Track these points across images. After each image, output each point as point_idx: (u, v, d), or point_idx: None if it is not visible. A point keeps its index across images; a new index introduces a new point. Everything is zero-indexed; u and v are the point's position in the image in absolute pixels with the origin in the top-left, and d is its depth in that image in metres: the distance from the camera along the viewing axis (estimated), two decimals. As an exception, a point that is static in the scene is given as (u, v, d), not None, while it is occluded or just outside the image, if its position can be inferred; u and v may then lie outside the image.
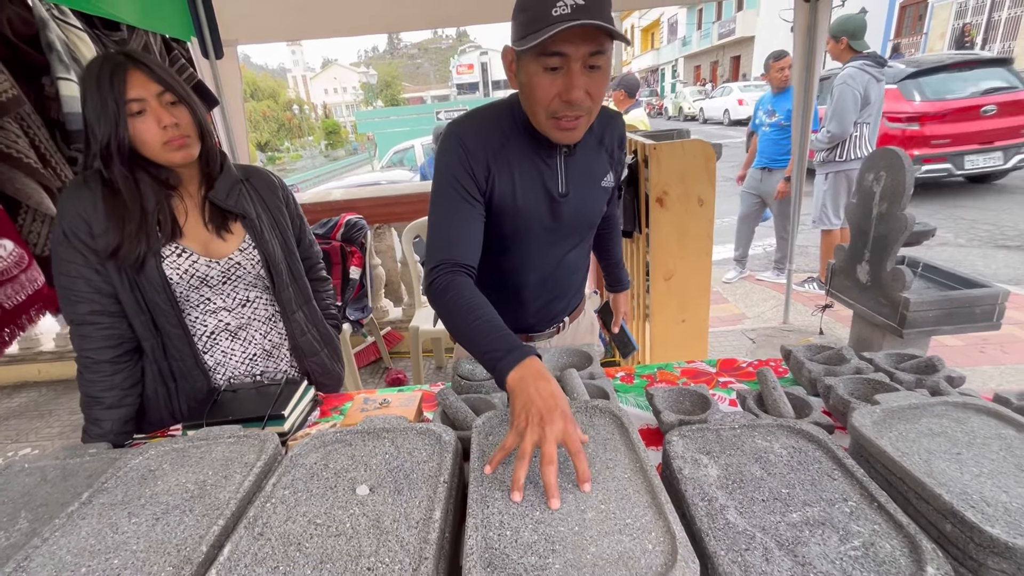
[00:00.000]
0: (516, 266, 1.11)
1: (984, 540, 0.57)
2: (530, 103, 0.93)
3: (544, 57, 0.85)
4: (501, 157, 0.99)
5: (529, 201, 1.02)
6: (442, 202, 0.99)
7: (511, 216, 1.03)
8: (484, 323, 0.87)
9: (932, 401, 0.81)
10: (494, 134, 0.99)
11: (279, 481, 0.76)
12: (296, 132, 41.29)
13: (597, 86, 0.89)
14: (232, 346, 1.17)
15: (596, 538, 0.59)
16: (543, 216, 1.04)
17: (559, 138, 0.95)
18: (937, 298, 1.94)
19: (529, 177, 1.01)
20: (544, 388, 0.73)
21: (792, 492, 0.68)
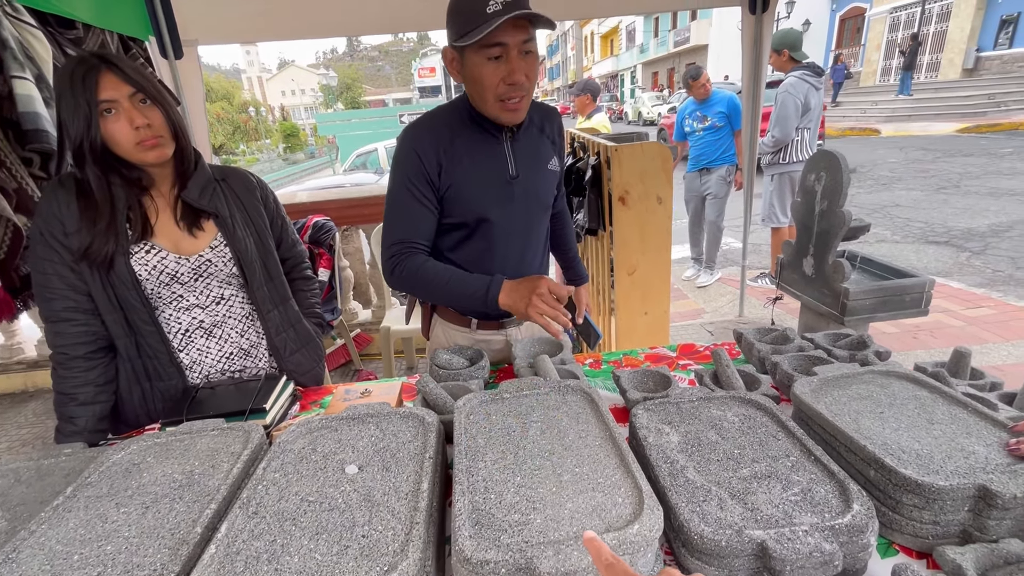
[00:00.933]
0: (482, 251, 1.18)
1: (900, 480, 0.66)
2: (479, 91, 1.05)
3: (486, 49, 0.98)
4: (451, 150, 1.10)
5: (484, 184, 1.13)
6: (396, 201, 1.12)
7: (469, 201, 1.13)
8: (456, 279, 1.08)
9: (861, 371, 0.92)
10: (443, 131, 1.10)
11: (268, 465, 0.79)
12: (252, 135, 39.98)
13: (532, 69, 1.03)
14: (207, 344, 1.18)
15: (572, 496, 0.66)
16: (499, 197, 1.14)
17: (507, 119, 1.07)
18: (873, 288, 2.12)
19: (482, 163, 1.12)
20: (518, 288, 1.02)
21: (743, 452, 0.76)
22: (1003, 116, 10.62)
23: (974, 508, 0.65)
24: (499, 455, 0.75)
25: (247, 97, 54.17)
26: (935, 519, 0.66)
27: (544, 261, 1.31)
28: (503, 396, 0.90)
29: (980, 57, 14.33)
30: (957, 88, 13.42)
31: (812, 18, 20.14)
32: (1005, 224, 4.94)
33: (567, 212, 1.45)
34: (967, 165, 7.59)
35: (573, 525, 0.61)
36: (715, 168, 3.93)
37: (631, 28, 37.32)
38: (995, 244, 4.50)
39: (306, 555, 0.62)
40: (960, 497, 0.64)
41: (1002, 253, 4.28)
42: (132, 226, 1.05)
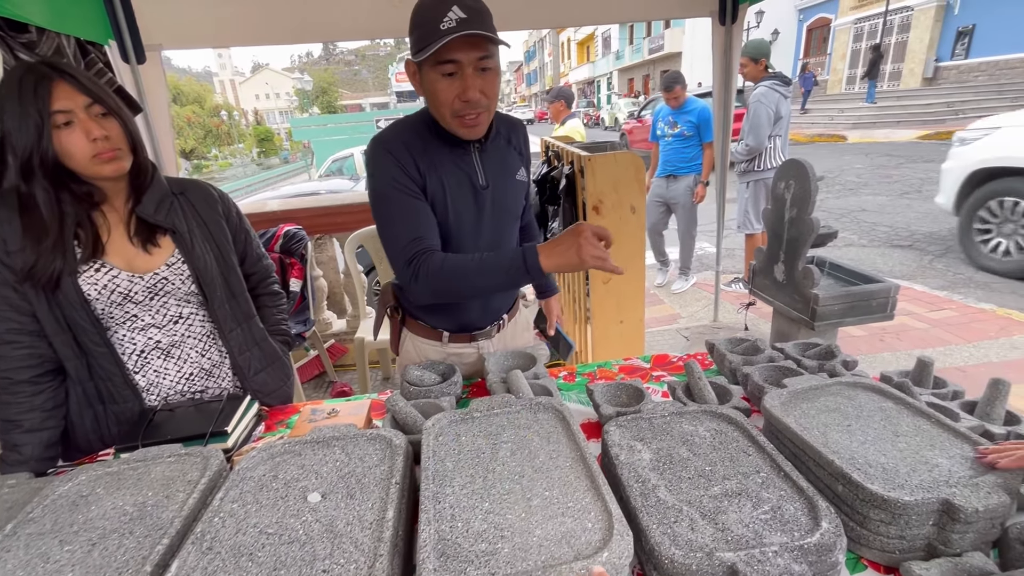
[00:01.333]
0: None
1: (866, 496, 0.67)
2: (436, 106, 1.04)
3: (440, 65, 0.97)
4: (426, 160, 1.08)
5: (458, 196, 1.11)
6: (390, 205, 1.05)
7: (442, 211, 1.10)
8: (486, 259, 1.00)
9: (829, 382, 0.93)
10: (415, 141, 1.08)
11: (226, 495, 0.75)
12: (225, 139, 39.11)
13: (490, 86, 1.01)
14: (165, 365, 1.13)
15: (541, 522, 0.64)
16: (470, 208, 1.13)
17: (465, 134, 1.06)
18: (841, 293, 2.17)
19: (454, 174, 1.10)
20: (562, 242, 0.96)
21: (714, 469, 0.76)
22: (960, 123, 11.06)
23: (938, 522, 0.66)
24: (468, 479, 0.73)
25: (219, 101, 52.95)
26: (901, 534, 0.67)
27: None
28: (473, 415, 0.88)
29: (939, 67, 14.94)
30: (918, 96, 13.95)
31: (780, 28, 20.73)
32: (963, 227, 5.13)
33: (535, 224, 1.44)
34: (928, 171, 7.88)
35: (542, 554, 0.59)
36: (682, 176, 3.97)
37: (607, 35, 37.84)
38: (955, 247, 4.67)
39: (262, 594, 0.59)
40: (925, 512, 0.65)
41: (962, 256, 4.44)
42: (81, 244, 1.00)
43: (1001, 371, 2.58)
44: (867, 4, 16.63)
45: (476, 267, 1.00)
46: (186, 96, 38.01)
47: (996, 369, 2.60)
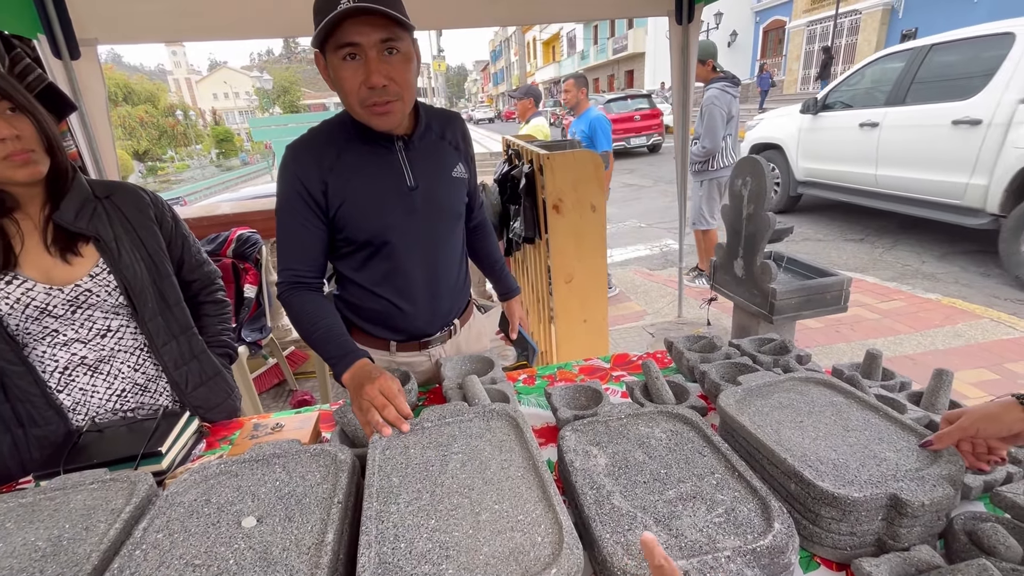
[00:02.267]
0: (393, 269, 1.11)
1: (817, 493, 0.66)
2: (343, 96, 0.98)
3: (340, 49, 0.91)
4: (338, 167, 1.03)
5: (380, 199, 1.06)
6: (281, 224, 1.06)
7: (365, 219, 1.06)
8: (323, 333, 1.02)
9: (782, 378, 0.93)
10: (326, 149, 1.03)
11: (151, 525, 0.69)
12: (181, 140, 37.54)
13: (399, 72, 0.95)
14: (93, 382, 1.05)
15: (489, 538, 0.61)
16: (398, 211, 1.08)
17: (377, 124, 1.00)
18: (797, 287, 2.22)
19: (374, 176, 1.05)
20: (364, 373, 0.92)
21: (669, 472, 0.74)
22: (907, 122, 11.66)
23: (887, 517, 0.66)
24: (414, 495, 0.69)
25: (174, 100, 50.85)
26: (852, 530, 0.66)
27: (462, 275, 1.25)
28: (423, 425, 0.84)
29: (885, 68, 15.68)
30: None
31: (739, 29, 21.35)
32: (911, 221, 5.38)
33: (488, 224, 1.39)
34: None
35: (488, 573, 0.56)
36: None
37: (572, 35, 38.15)
38: (903, 240, 4.89)
39: (182, 635, 0.54)
40: (874, 507, 0.65)
41: (909, 248, 4.65)
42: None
43: (946, 358, 2.71)
44: (819, 7, 17.28)
45: (308, 333, 1.04)
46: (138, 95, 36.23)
47: (942, 356, 2.72)
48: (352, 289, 1.16)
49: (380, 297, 1.14)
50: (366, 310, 1.17)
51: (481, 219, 1.36)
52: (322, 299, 1.08)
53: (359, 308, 1.17)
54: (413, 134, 1.08)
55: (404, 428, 0.83)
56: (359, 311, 1.18)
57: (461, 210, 1.20)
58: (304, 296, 1.06)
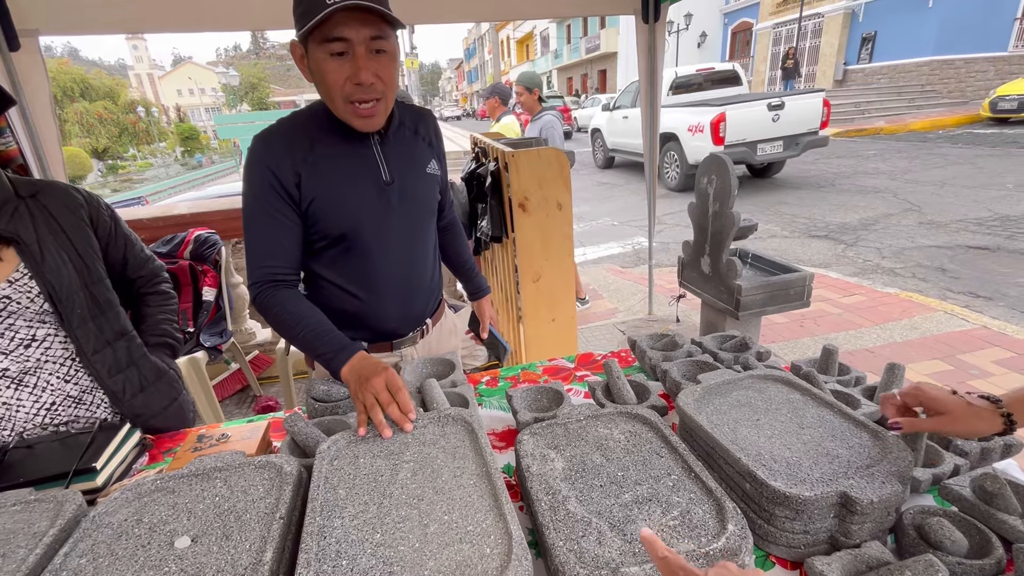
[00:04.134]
0: (364, 267, 1.08)
1: (770, 493, 0.66)
2: (326, 90, 0.95)
3: (328, 43, 0.89)
4: (311, 160, 0.99)
5: (355, 193, 1.03)
6: (252, 220, 1.00)
7: (339, 213, 1.02)
8: (312, 330, 0.98)
9: (741, 376, 0.93)
10: (299, 140, 1.00)
11: (74, 549, 0.65)
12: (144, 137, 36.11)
13: (385, 70, 0.94)
14: (18, 396, 0.97)
15: (436, 551, 0.58)
16: (373, 207, 1.04)
17: (360, 125, 0.98)
18: (762, 283, 2.26)
19: (348, 171, 1.02)
20: (369, 366, 0.90)
21: (626, 474, 0.73)
22: (867, 122, 12.04)
23: (839, 515, 0.66)
24: (361, 507, 0.66)
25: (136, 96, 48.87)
26: (805, 528, 0.66)
27: (436, 273, 1.23)
28: (374, 433, 0.81)
29: (847, 70, 16.18)
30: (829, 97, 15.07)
31: (708, 31, 21.74)
32: (871, 218, 5.57)
33: (458, 223, 1.36)
34: (840, 166, 8.50)
35: (432, 589, 0.53)
36: None
37: (545, 34, 38.24)
38: (864, 236, 5.05)
39: (98, 671, 0.50)
40: (825, 505, 0.64)
41: (870, 244, 4.80)
42: None
43: (904, 350, 2.79)
44: (784, 10, 17.73)
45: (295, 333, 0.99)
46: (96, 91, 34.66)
47: (900, 348, 2.81)
48: (323, 288, 1.12)
49: (352, 296, 1.11)
50: (337, 310, 1.12)
51: (451, 218, 1.33)
52: (302, 296, 1.04)
53: (330, 308, 1.12)
54: (388, 129, 1.05)
55: (407, 428, 0.80)
56: (330, 311, 1.12)
57: (434, 207, 1.18)
58: (284, 294, 1.01)
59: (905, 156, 8.67)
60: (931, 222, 5.21)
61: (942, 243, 4.63)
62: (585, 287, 4.12)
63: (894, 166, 8.01)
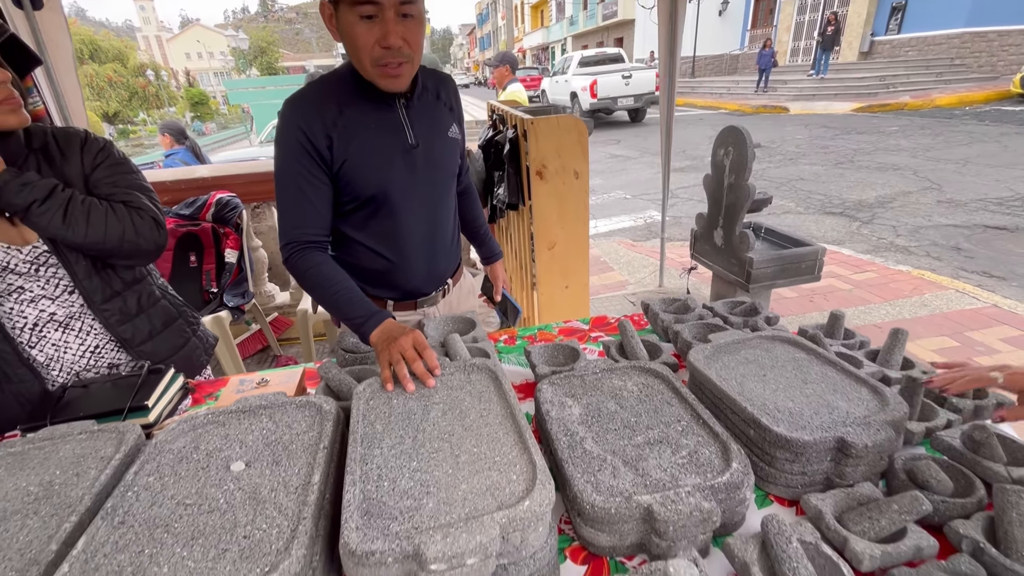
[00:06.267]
0: (392, 228, 1.13)
1: (773, 437, 0.71)
2: (354, 52, 0.98)
3: (358, 6, 0.91)
4: (340, 123, 1.03)
5: (383, 156, 1.07)
6: (284, 182, 1.04)
7: (369, 175, 1.06)
8: (343, 295, 1.03)
9: (750, 336, 0.98)
10: (329, 104, 1.03)
11: (141, 469, 0.72)
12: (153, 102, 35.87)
13: (412, 34, 0.96)
14: (65, 338, 1.04)
15: (467, 476, 0.65)
16: (400, 169, 1.08)
17: (386, 85, 1.01)
18: (773, 256, 2.28)
19: (377, 134, 1.06)
20: (397, 329, 0.94)
21: (639, 420, 0.79)
22: (892, 97, 11.68)
23: (835, 458, 0.72)
24: (397, 440, 0.73)
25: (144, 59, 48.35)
26: (803, 470, 0.72)
27: (455, 237, 1.28)
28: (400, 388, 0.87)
29: (874, 41, 15.55)
30: (854, 70, 14.54)
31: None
32: (889, 196, 5.49)
33: (473, 188, 1.40)
34: (860, 142, 8.31)
35: (465, 506, 0.60)
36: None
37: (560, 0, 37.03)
38: (881, 214, 4.99)
39: (177, 563, 0.57)
40: (823, 449, 0.70)
41: (886, 222, 4.75)
42: None
43: (912, 326, 2.82)
44: (811, -24, 16.96)
45: (326, 295, 1.03)
46: (105, 53, 34.31)
47: (908, 324, 2.84)
48: (353, 248, 1.17)
49: (380, 256, 1.16)
50: (366, 269, 1.18)
51: (467, 183, 1.37)
52: (333, 261, 1.09)
53: (359, 267, 1.18)
54: (413, 93, 1.08)
55: (430, 383, 0.84)
56: (358, 270, 1.18)
57: (455, 170, 1.22)
58: (316, 257, 1.05)
59: (929, 133, 8.45)
60: (950, 201, 5.13)
61: (960, 222, 4.57)
62: (596, 260, 4.15)
63: (916, 143, 7.82)
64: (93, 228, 0.97)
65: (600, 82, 11.79)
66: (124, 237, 1.01)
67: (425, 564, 0.53)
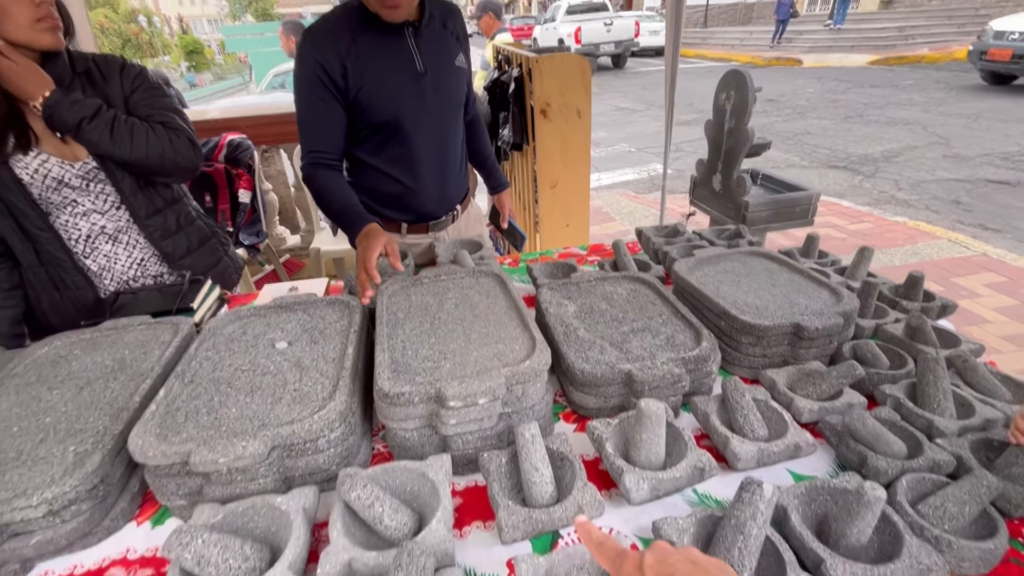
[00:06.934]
0: (406, 152, 1.22)
1: (739, 325, 0.83)
2: None
3: None
4: (353, 52, 1.10)
5: (394, 83, 1.15)
6: (302, 109, 1.15)
7: (382, 102, 1.15)
8: (340, 204, 1.14)
9: (730, 251, 1.08)
10: (342, 33, 1.10)
11: (200, 347, 0.85)
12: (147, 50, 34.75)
13: None
14: (115, 250, 1.16)
15: (478, 347, 0.77)
16: (411, 95, 1.17)
17: (386, 15, 1.08)
18: (768, 200, 2.36)
19: (388, 61, 1.14)
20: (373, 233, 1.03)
21: (625, 315, 0.91)
22: (910, 49, 11.30)
23: (791, 342, 0.84)
24: (416, 324, 0.85)
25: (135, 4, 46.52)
26: (763, 352, 0.84)
27: (464, 165, 1.36)
28: (422, 280, 0.99)
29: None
30: (874, 20, 14.00)
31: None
32: (895, 151, 5.46)
33: (481, 119, 1.48)
34: (872, 96, 8.14)
35: (477, 366, 0.73)
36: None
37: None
38: (885, 168, 4.99)
39: (243, 406, 0.70)
40: (780, 333, 0.82)
41: (889, 176, 4.76)
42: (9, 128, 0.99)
43: (899, 272, 2.92)
44: (835, -83, 16.01)
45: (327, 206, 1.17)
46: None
47: (896, 271, 2.94)
48: (368, 173, 1.27)
49: (394, 180, 1.26)
50: (381, 193, 1.27)
51: (475, 114, 1.44)
52: (340, 178, 1.20)
53: (374, 192, 1.27)
54: (420, 22, 1.14)
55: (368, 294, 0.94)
56: (374, 195, 1.28)
57: (462, 99, 1.29)
58: (325, 174, 1.17)
59: (943, 86, 8.26)
60: (956, 155, 5.11)
61: (962, 176, 4.58)
62: (598, 210, 4.21)
63: (929, 97, 7.67)
64: (137, 145, 1.06)
65: (584, 28, 12.69)
66: (164, 155, 1.10)
67: (445, 402, 0.66)
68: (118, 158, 1.07)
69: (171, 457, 0.62)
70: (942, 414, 0.69)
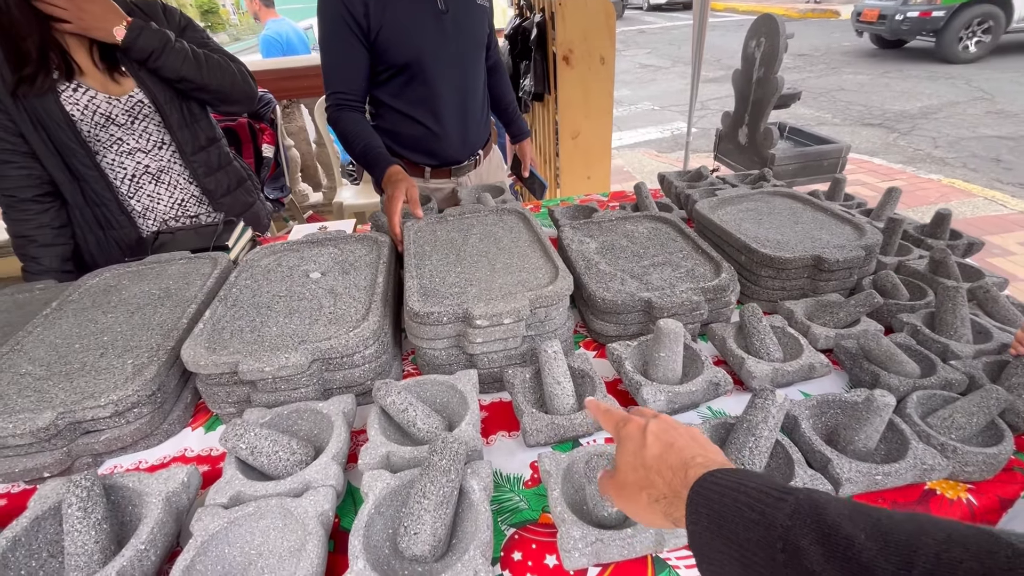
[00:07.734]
0: (428, 93, 1.22)
1: (760, 258, 0.84)
2: None
3: None
4: None
5: (416, 22, 1.15)
6: (326, 51, 1.17)
7: (403, 41, 1.15)
8: (365, 145, 1.17)
9: (752, 191, 1.08)
10: None
11: (239, 276, 0.89)
12: (163, 11, 34.35)
13: None
14: (157, 190, 1.20)
15: (502, 275, 0.80)
16: (432, 36, 1.17)
17: None
18: (795, 153, 2.30)
19: (409, 1, 1.14)
20: (396, 175, 1.07)
21: (646, 251, 0.92)
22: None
23: (811, 275, 0.85)
24: (443, 256, 0.88)
25: (149, -38, 45.60)
26: (783, 286, 0.85)
27: (486, 109, 1.36)
28: (447, 218, 1.01)
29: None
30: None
31: None
32: (935, 107, 5.19)
33: (503, 65, 1.46)
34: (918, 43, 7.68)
35: (502, 291, 0.76)
36: None
37: None
38: (922, 125, 4.77)
39: (283, 326, 0.75)
40: (800, 266, 0.83)
41: (926, 134, 4.55)
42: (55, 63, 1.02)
43: (932, 231, 2.84)
44: None
45: (353, 147, 1.18)
46: (109, -45, 32.39)
47: (928, 230, 2.85)
48: (391, 116, 1.28)
49: (417, 122, 1.27)
50: (404, 136, 1.29)
51: (496, 59, 1.43)
52: (363, 120, 1.23)
53: (398, 134, 1.29)
54: None
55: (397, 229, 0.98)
56: (398, 137, 1.30)
57: (484, 40, 1.29)
58: (349, 116, 1.20)
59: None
60: (1000, 112, 4.85)
61: (1005, 134, 4.35)
62: (619, 169, 4.14)
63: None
64: (212, 69, 1.13)
65: None
66: (235, 81, 1.18)
67: (472, 321, 0.70)
68: (196, 82, 1.13)
69: (220, 367, 0.68)
70: (959, 340, 0.70)
